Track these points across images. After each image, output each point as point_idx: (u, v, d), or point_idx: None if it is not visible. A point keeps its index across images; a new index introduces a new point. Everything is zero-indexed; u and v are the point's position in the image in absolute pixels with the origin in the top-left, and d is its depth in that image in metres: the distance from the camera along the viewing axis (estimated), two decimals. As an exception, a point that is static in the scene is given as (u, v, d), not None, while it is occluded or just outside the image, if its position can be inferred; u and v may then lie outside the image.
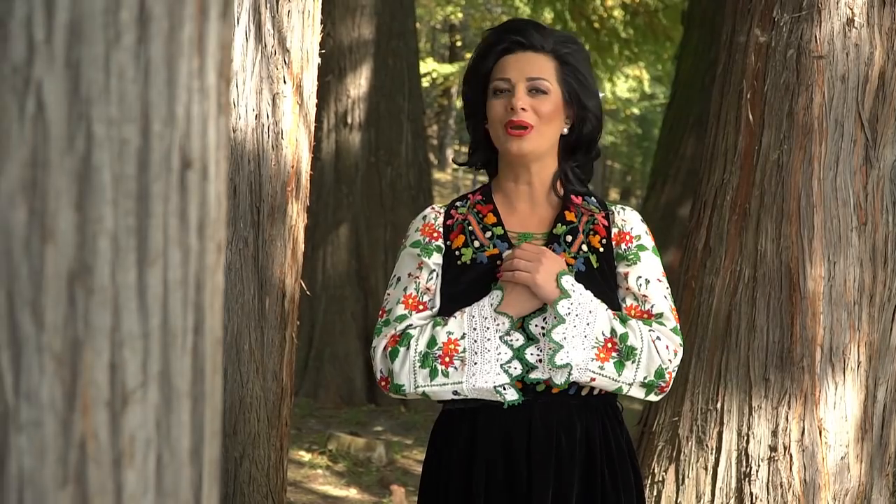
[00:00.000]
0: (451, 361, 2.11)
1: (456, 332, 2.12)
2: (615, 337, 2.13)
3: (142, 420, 0.89)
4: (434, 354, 2.11)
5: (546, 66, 2.23)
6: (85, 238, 0.85)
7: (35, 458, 0.84)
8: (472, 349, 2.11)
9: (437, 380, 2.11)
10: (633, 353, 2.13)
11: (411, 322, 2.19)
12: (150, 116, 0.88)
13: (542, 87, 2.20)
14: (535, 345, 2.13)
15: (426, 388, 2.12)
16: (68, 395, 0.85)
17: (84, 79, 0.84)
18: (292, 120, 3.01)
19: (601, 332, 2.12)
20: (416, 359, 2.12)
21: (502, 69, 2.22)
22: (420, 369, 2.12)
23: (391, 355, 2.15)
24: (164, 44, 0.89)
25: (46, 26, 0.83)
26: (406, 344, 2.14)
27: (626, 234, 2.27)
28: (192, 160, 0.92)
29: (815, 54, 3.06)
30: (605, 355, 2.11)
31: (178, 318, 0.91)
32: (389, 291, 2.25)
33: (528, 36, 2.23)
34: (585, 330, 2.10)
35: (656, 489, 3.22)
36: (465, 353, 2.11)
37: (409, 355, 2.12)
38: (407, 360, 2.13)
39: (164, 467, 0.91)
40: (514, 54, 2.23)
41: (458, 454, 2.17)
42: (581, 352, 2.10)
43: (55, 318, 0.84)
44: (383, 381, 2.18)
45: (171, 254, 0.90)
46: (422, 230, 2.27)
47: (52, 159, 0.83)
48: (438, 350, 2.11)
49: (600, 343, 2.11)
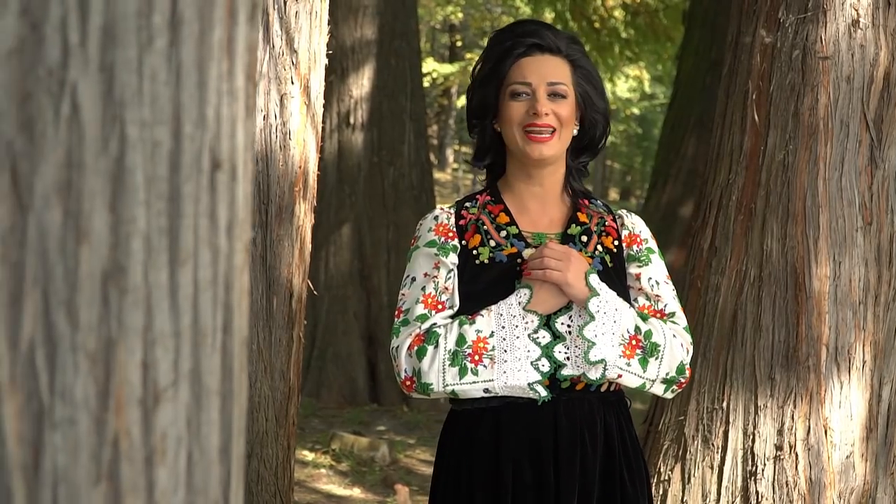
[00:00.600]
0: (481, 359, 2.10)
1: (485, 329, 2.11)
2: (639, 334, 2.15)
3: (173, 418, 0.90)
4: (463, 353, 2.09)
5: (562, 69, 2.25)
6: (118, 238, 0.86)
7: (69, 455, 0.85)
8: (502, 347, 2.10)
9: (467, 378, 2.10)
10: (656, 349, 2.16)
11: (434, 321, 2.16)
12: (182, 118, 0.89)
13: (561, 92, 2.23)
14: (562, 342, 2.14)
15: (456, 387, 2.10)
16: (102, 394, 0.86)
17: (118, 81, 0.86)
18: (300, 120, 3.03)
19: (626, 330, 2.14)
20: (445, 357, 2.10)
21: (521, 72, 2.23)
22: (450, 367, 2.10)
23: (418, 354, 2.12)
24: (194, 47, 0.90)
25: (81, 30, 0.84)
26: (434, 342, 2.11)
27: (636, 236, 2.31)
28: (221, 161, 0.93)
29: (821, 55, 3.08)
30: (630, 352, 2.14)
31: (209, 317, 0.92)
32: (404, 291, 2.24)
33: (544, 38, 2.25)
34: (613, 327, 2.12)
35: (662, 488, 3.23)
36: (494, 350, 2.10)
37: (437, 354, 2.10)
38: (436, 359, 2.10)
39: (194, 465, 0.92)
40: (532, 57, 2.24)
41: (481, 454, 2.17)
42: (611, 349, 2.12)
43: (89, 317, 0.85)
44: (408, 381, 2.15)
45: (201, 254, 0.91)
46: (435, 230, 2.26)
47: (86, 161, 0.85)
48: (468, 348, 2.10)
49: (626, 340, 2.14)
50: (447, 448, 2.26)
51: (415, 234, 2.32)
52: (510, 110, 2.23)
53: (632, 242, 2.30)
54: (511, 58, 2.25)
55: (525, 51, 2.24)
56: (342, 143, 7.43)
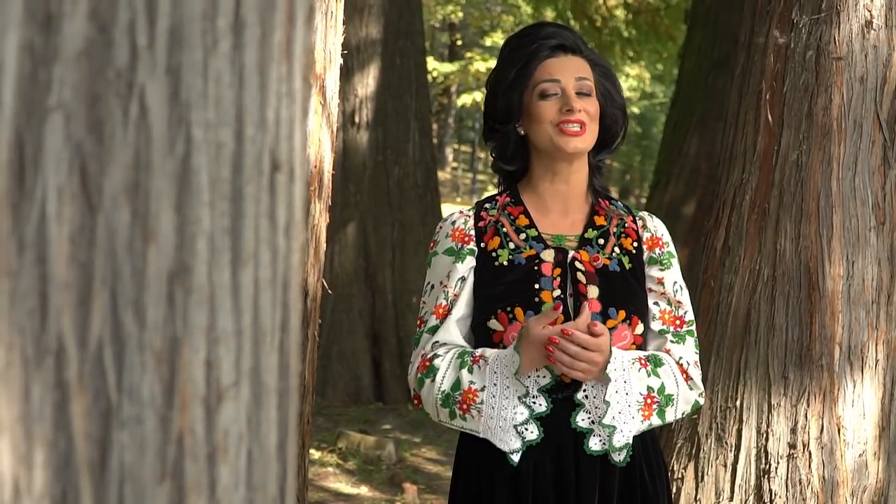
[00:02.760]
0: (469, 410, 2.16)
1: (477, 382, 2.15)
2: (653, 392, 2.18)
3: (234, 416, 0.91)
4: (454, 398, 2.17)
5: (586, 67, 2.29)
6: (184, 239, 0.87)
7: (135, 453, 0.86)
8: (490, 404, 2.15)
9: (457, 421, 2.19)
10: (671, 400, 2.21)
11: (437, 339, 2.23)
12: (244, 120, 0.90)
13: (587, 89, 2.26)
14: (583, 409, 2.16)
15: (448, 425, 2.22)
16: (167, 392, 0.87)
17: (184, 84, 0.87)
18: (315, 120, 3.03)
19: (639, 394, 2.17)
20: (438, 397, 2.18)
21: (549, 72, 2.26)
22: (441, 408, 2.19)
23: (418, 383, 2.22)
24: (256, 50, 0.91)
25: (149, 32, 0.85)
26: (431, 377, 2.19)
27: (659, 239, 2.32)
28: (280, 163, 0.94)
29: (834, 56, 3.09)
30: (648, 412, 2.18)
31: (268, 316, 0.94)
32: (424, 299, 2.30)
33: (566, 38, 2.29)
34: (627, 399, 2.16)
35: (676, 486, 3.24)
36: (482, 404, 2.15)
37: (432, 391, 2.19)
38: (431, 395, 2.19)
39: (253, 462, 0.93)
40: (557, 58, 2.28)
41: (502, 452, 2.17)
42: (632, 422, 2.16)
43: (156, 316, 0.86)
44: (416, 399, 2.27)
45: (261, 254, 0.93)
46: (452, 236, 2.29)
47: (153, 162, 0.86)
48: (459, 395, 2.16)
49: (641, 403, 2.17)
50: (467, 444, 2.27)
51: (434, 237, 2.35)
52: (541, 110, 2.25)
53: (654, 245, 2.30)
54: (537, 60, 2.27)
55: (550, 52, 2.28)
56: (347, 142, 7.44)
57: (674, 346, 2.25)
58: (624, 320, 2.21)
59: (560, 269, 2.23)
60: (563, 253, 2.25)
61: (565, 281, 2.22)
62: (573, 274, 2.22)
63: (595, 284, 2.21)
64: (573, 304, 2.20)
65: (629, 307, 2.22)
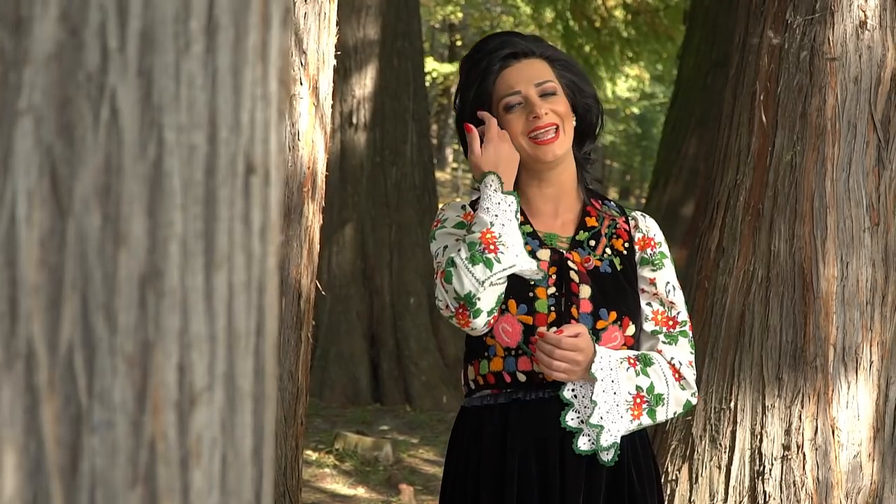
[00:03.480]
0: (497, 247, 2.14)
1: (482, 225, 2.15)
2: (642, 392, 2.18)
3: (208, 420, 0.90)
4: (478, 250, 2.13)
5: (543, 68, 2.27)
6: (156, 242, 0.87)
7: (106, 458, 0.86)
8: (505, 232, 2.15)
9: (496, 268, 2.13)
10: (661, 399, 2.20)
11: None
12: (218, 123, 0.90)
13: (550, 89, 2.24)
14: (572, 409, 2.16)
15: (492, 279, 2.12)
16: (139, 397, 0.87)
17: (156, 86, 0.86)
18: (308, 121, 3.03)
19: (627, 393, 2.17)
20: (465, 263, 2.13)
21: (507, 84, 2.24)
22: (474, 266, 2.12)
23: (446, 280, 2.15)
24: (230, 52, 0.90)
25: (120, 35, 0.85)
26: (451, 263, 2.15)
27: (651, 239, 2.30)
28: (255, 166, 0.93)
29: (828, 56, 3.09)
30: (638, 412, 2.18)
31: (243, 320, 0.93)
32: (439, 259, 2.25)
33: (515, 45, 2.27)
34: (615, 399, 2.16)
35: (670, 488, 3.24)
36: (501, 237, 2.14)
37: (458, 266, 2.13)
38: (460, 270, 2.13)
39: (228, 467, 0.93)
40: (512, 66, 2.25)
41: (489, 449, 2.19)
42: (620, 422, 2.16)
43: (127, 320, 0.86)
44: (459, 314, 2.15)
45: (236, 257, 0.92)
46: (465, 217, 2.28)
47: (125, 165, 0.85)
48: (480, 245, 2.13)
49: (630, 403, 2.17)
50: (457, 443, 2.29)
51: (437, 217, 2.34)
52: (510, 124, 2.24)
53: (645, 245, 2.29)
54: (492, 74, 2.26)
55: (503, 63, 2.26)
56: (345, 143, 7.43)
57: (666, 346, 2.24)
58: (615, 321, 2.20)
59: (555, 269, 2.23)
60: (558, 253, 2.25)
61: (559, 280, 2.22)
62: (566, 274, 2.22)
63: (587, 285, 2.21)
64: (565, 304, 2.20)
65: (620, 308, 2.22)
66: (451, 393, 7.30)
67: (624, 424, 2.16)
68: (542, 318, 2.18)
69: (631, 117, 22.69)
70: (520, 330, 2.18)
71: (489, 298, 2.13)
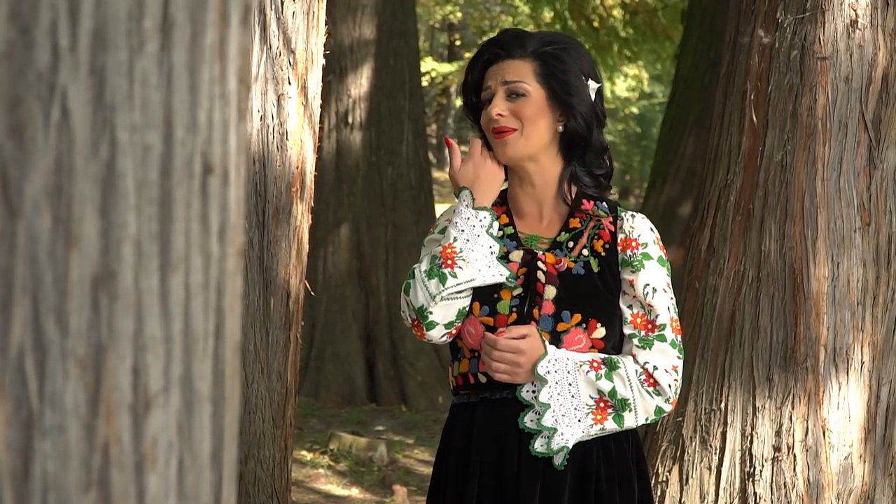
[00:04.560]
0: (455, 263, 2.17)
1: (448, 238, 2.20)
2: (604, 395, 2.15)
3: (164, 424, 0.89)
4: (437, 264, 2.17)
5: (523, 69, 2.24)
6: (109, 244, 0.85)
7: (58, 462, 0.85)
8: (468, 248, 2.18)
9: (449, 282, 2.16)
10: (626, 404, 2.16)
11: None
12: (173, 123, 0.89)
13: (520, 90, 2.22)
14: (531, 410, 2.16)
15: (444, 294, 2.16)
16: (92, 400, 0.85)
17: (108, 86, 0.85)
18: (297, 121, 3.02)
19: (588, 397, 2.15)
20: (423, 276, 2.17)
21: (485, 79, 2.28)
22: (429, 280, 2.16)
23: (405, 291, 2.21)
24: (186, 50, 0.89)
25: (71, 34, 0.83)
26: (412, 274, 2.21)
27: (633, 240, 2.24)
28: (213, 166, 0.92)
29: (819, 55, 3.07)
30: (601, 416, 2.15)
31: (200, 322, 0.92)
32: None
33: (505, 45, 2.26)
34: (573, 402, 2.14)
35: (660, 489, 3.23)
36: (462, 252, 2.17)
37: (416, 278, 2.19)
38: (417, 282, 2.18)
39: (185, 471, 0.91)
40: (495, 64, 2.27)
41: (456, 444, 2.24)
42: (577, 426, 2.14)
43: (79, 323, 0.85)
44: (414, 325, 2.22)
45: (193, 259, 0.91)
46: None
47: (76, 166, 0.84)
48: (439, 260, 2.18)
49: (593, 407, 2.15)
50: (441, 440, 2.34)
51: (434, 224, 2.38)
52: (482, 118, 2.28)
53: (626, 247, 2.24)
54: (479, 71, 2.29)
55: (489, 59, 2.28)
56: (340, 143, 7.42)
57: (640, 350, 2.19)
58: (579, 324, 2.18)
59: (525, 269, 2.23)
60: (532, 254, 2.24)
61: (527, 281, 2.22)
62: (534, 274, 2.21)
63: (553, 286, 2.19)
64: (528, 305, 2.20)
65: (587, 311, 2.19)
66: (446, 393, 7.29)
67: (582, 428, 2.14)
68: (503, 320, 2.18)
69: (630, 117, 22.68)
70: (482, 332, 2.19)
71: (443, 312, 2.17)
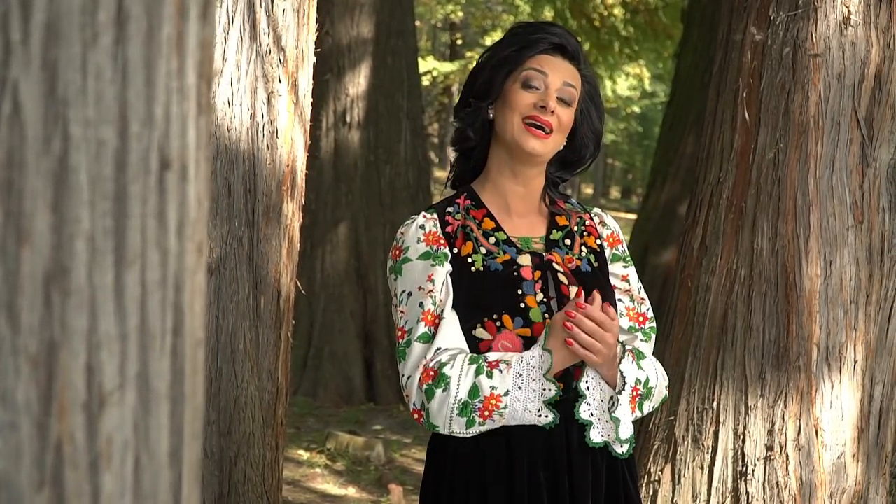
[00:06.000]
0: (491, 415, 2.04)
1: (500, 387, 2.03)
2: (639, 385, 2.15)
3: (119, 422, 0.88)
4: (474, 406, 2.03)
5: (577, 78, 2.24)
6: (61, 239, 0.84)
7: (10, 460, 0.84)
8: (514, 408, 2.05)
9: (474, 429, 2.06)
10: (650, 392, 2.18)
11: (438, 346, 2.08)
12: (128, 117, 0.87)
13: (570, 97, 2.20)
14: (584, 401, 2.12)
15: (461, 434, 2.07)
16: (44, 398, 0.84)
17: (61, 80, 0.84)
18: (287, 119, 3.01)
19: (630, 387, 2.14)
20: (455, 406, 2.03)
21: (540, 64, 2.20)
22: (458, 417, 2.04)
23: (427, 394, 2.05)
24: (142, 44, 0.88)
25: (23, 28, 0.82)
26: (444, 386, 2.04)
27: (616, 235, 2.31)
28: (170, 161, 0.91)
29: (812, 52, 3.06)
30: (633, 405, 2.15)
31: (157, 319, 0.91)
32: (402, 308, 2.14)
33: (570, 43, 2.23)
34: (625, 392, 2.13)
35: (652, 488, 3.21)
36: (506, 409, 2.04)
37: (447, 400, 2.04)
38: (445, 406, 2.04)
39: (142, 470, 0.90)
40: (555, 56, 2.22)
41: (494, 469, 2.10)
42: (629, 414, 2.14)
43: (31, 320, 0.84)
44: (416, 414, 2.09)
45: (149, 255, 0.90)
46: (426, 240, 2.16)
47: (28, 161, 0.83)
48: (479, 402, 2.03)
49: (631, 395, 2.14)
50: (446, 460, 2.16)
51: (397, 243, 2.20)
52: (518, 97, 2.17)
53: (615, 242, 2.29)
54: (534, 49, 2.20)
55: (549, 48, 2.22)
56: (339, 142, 7.41)
57: (643, 344, 2.23)
58: None
59: (539, 273, 2.17)
60: (539, 256, 2.20)
61: (546, 284, 2.17)
62: (553, 276, 2.17)
63: (575, 285, 2.17)
64: (557, 307, 2.14)
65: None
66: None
67: (630, 416, 2.14)
68: (540, 328, 2.10)
69: (632, 116, 22.65)
70: (521, 345, 2.10)
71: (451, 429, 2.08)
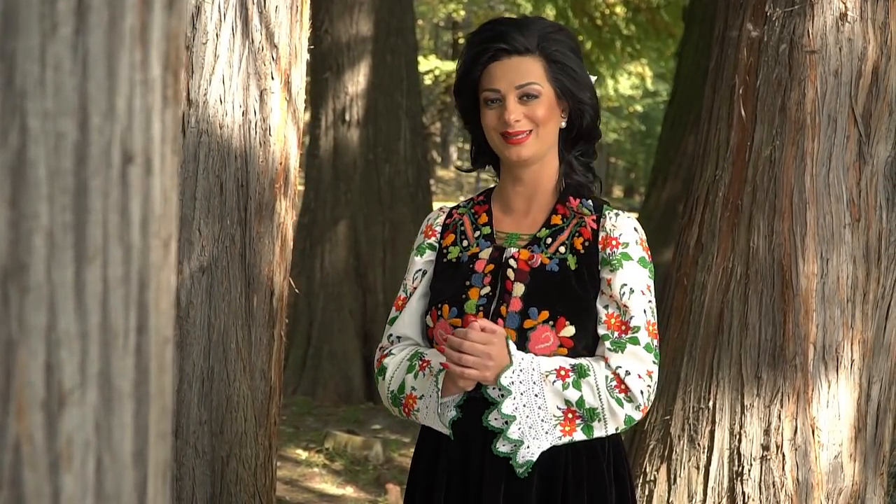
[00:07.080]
0: (411, 412, 2.26)
1: (418, 390, 2.22)
2: (572, 406, 2.10)
3: (80, 422, 0.86)
4: (400, 399, 2.26)
5: (533, 68, 2.18)
6: (19, 235, 0.83)
7: (-32, 461, 0.82)
8: (424, 413, 2.23)
9: (410, 417, 2.27)
10: (594, 413, 2.10)
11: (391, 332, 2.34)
12: (89, 109, 0.85)
13: (533, 92, 2.16)
14: (496, 409, 2.12)
15: (402, 418, 2.32)
16: (2, 397, 0.82)
17: (19, 71, 0.82)
18: (280, 116, 2.99)
19: (556, 408, 2.09)
20: (388, 396, 2.29)
21: (490, 79, 2.18)
22: (392, 405, 2.29)
23: (377, 377, 2.33)
24: (103, 35, 0.86)
25: (-23, 17, 0.80)
26: (382, 375, 2.30)
27: (613, 239, 2.19)
28: (133, 154, 0.89)
29: (808, 49, 3.03)
30: (570, 427, 2.10)
31: (120, 317, 0.89)
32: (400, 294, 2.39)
33: (511, 41, 2.16)
34: (540, 414, 2.09)
35: (648, 488, 3.19)
36: (418, 411, 2.23)
37: (384, 389, 2.30)
38: (383, 391, 2.31)
39: (104, 470, 0.88)
40: (501, 61, 2.17)
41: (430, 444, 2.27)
42: (544, 438, 2.10)
43: (-13, 317, 0.82)
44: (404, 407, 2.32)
45: (111, 251, 0.88)
46: (424, 232, 2.36)
47: (-17, 154, 0.81)
48: (403, 398, 2.25)
49: (560, 418, 2.09)
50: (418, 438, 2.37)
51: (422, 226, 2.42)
52: (486, 118, 2.21)
53: (606, 245, 2.19)
54: (479, 65, 2.19)
55: (493, 56, 2.18)
56: (338, 140, 7.39)
57: (612, 354, 2.13)
58: (546, 321, 2.12)
59: (493, 266, 2.20)
60: (500, 251, 2.22)
61: (495, 279, 2.19)
62: (503, 272, 2.18)
63: (523, 283, 2.15)
64: (496, 303, 2.16)
65: (556, 308, 2.13)
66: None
67: (550, 441, 2.09)
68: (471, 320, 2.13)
69: (634, 115, 22.62)
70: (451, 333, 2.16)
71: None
